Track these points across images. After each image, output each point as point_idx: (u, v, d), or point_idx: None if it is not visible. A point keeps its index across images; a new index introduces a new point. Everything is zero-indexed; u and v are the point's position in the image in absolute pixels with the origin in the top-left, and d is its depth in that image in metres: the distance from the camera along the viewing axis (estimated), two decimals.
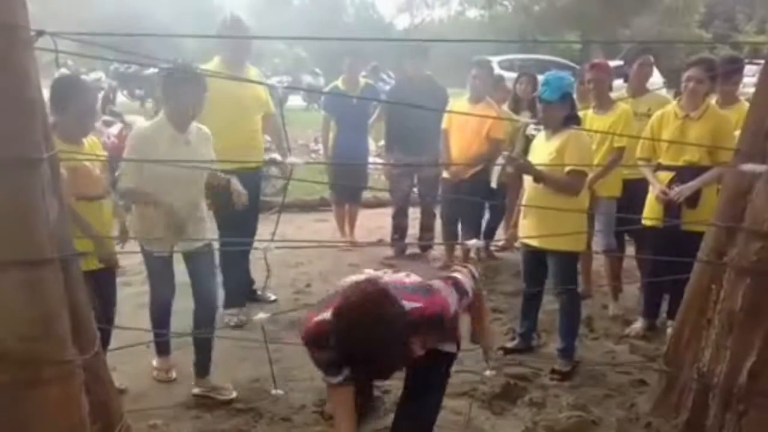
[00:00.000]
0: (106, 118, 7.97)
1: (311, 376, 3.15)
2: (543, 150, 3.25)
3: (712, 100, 3.71)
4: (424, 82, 5.10)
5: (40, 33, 1.79)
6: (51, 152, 1.85)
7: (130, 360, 3.07)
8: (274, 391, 2.59)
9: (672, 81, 4.97)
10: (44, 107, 1.91)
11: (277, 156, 2.62)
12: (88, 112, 2.90)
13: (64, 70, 13.76)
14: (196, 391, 3.02)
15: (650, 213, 3.58)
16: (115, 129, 7.15)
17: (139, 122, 7.54)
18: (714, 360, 2.49)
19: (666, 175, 3.51)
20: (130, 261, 4.99)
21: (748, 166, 2.38)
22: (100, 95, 13.85)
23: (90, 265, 2.80)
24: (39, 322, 1.78)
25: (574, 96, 3.39)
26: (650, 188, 3.62)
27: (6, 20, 1.67)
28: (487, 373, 2.86)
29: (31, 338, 1.76)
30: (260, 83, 3.87)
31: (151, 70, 12.36)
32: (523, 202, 3.38)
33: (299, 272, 4.87)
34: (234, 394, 3.00)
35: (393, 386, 3.12)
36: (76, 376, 1.89)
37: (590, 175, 3.48)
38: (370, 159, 7.50)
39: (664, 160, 3.55)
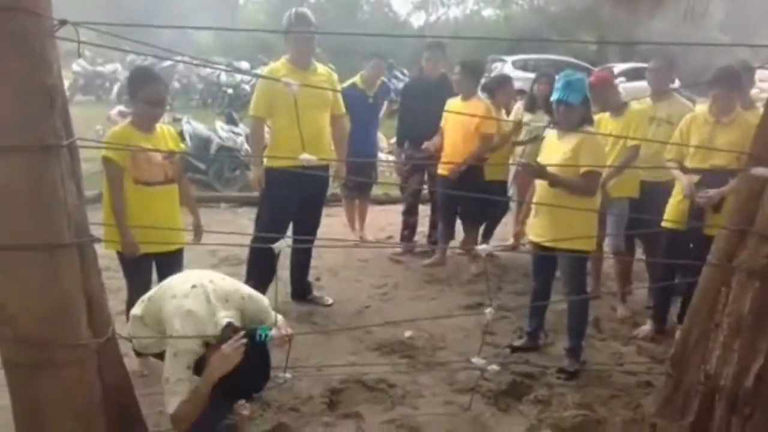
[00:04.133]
0: (122, 108, 8.09)
1: (319, 368, 3.19)
2: (556, 150, 3.24)
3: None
4: (438, 79, 5.11)
5: (63, 22, 1.83)
6: (71, 139, 1.89)
7: None
8: (281, 374, 2.62)
9: (688, 84, 4.91)
10: (65, 95, 1.94)
11: (306, 155, 2.59)
12: (157, 101, 3.01)
13: (81, 61, 14.00)
14: None
15: (673, 215, 3.55)
16: (129, 119, 7.21)
17: None
18: (721, 363, 2.48)
19: (693, 179, 3.47)
20: None
21: (760, 170, 2.38)
22: (116, 86, 14.11)
23: (160, 248, 3.02)
24: (55, 306, 1.82)
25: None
26: (674, 191, 3.60)
27: (28, 8, 1.71)
28: (491, 367, 2.88)
29: (47, 321, 1.81)
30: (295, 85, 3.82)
31: (168, 62, 12.47)
32: (534, 200, 3.38)
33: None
34: None
35: (398, 381, 3.15)
36: (90, 359, 1.93)
37: (604, 175, 3.47)
38: (382, 156, 7.54)
39: (691, 163, 3.52)
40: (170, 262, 3.10)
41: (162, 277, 3.03)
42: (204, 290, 2.32)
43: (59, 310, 1.83)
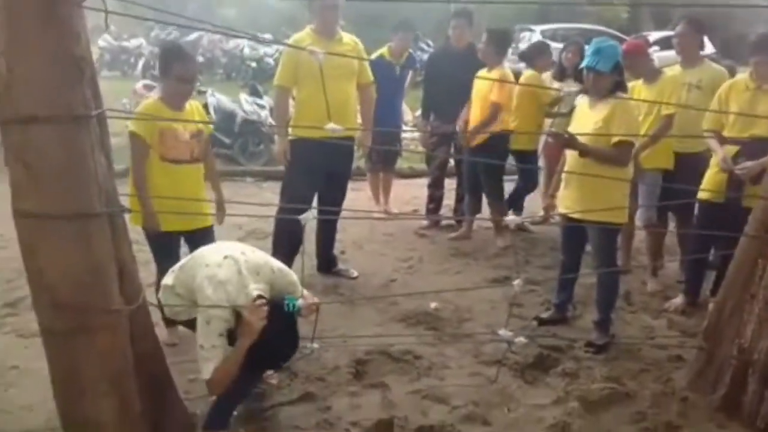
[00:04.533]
0: (147, 82, 8.16)
1: (344, 339, 3.21)
2: (588, 119, 3.16)
3: None
4: (465, 49, 5.01)
5: None
6: (100, 110, 1.90)
7: None
8: (309, 345, 2.65)
9: (726, 52, 4.73)
10: (93, 66, 1.95)
11: (333, 125, 2.57)
12: (188, 78, 3.01)
13: (106, 36, 14.10)
14: None
15: (710, 187, 3.44)
16: (155, 93, 7.27)
17: None
18: (756, 336, 2.43)
19: (731, 149, 3.36)
20: None
21: None
22: (141, 61, 14.20)
23: (188, 225, 3.06)
24: (89, 273, 1.85)
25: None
26: (711, 161, 3.49)
27: None
28: (518, 340, 2.86)
29: (81, 288, 1.84)
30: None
31: (194, 36, 12.50)
32: (564, 171, 3.31)
33: None
34: None
35: (424, 353, 3.16)
36: (122, 325, 1.97)
37: (636, 145, 3.38)
38: (407, 128, 7.48)
39: (730, 132, 3.39)
40: (199, 239, 3.08)
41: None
42: (236, 261, 2.34)
43: (92, 277, 1.86)
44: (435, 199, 5.40)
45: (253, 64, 13.88)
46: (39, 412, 2.54)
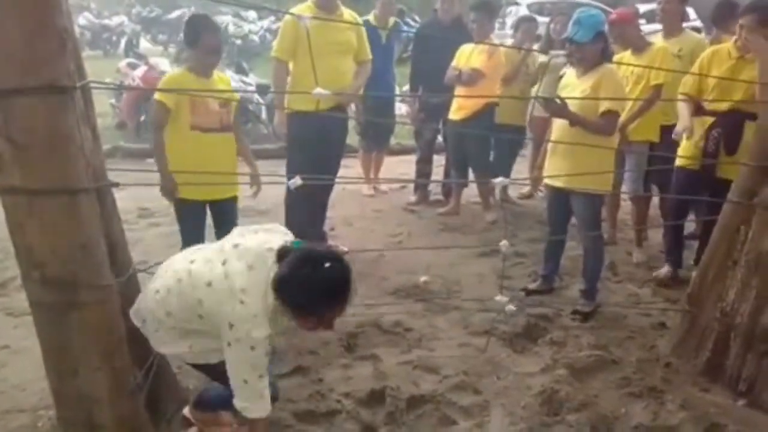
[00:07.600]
0: (131, 60, 8.01)
1: None
2: (575, 88, 3.17)
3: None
4: (453, 22, 4.98)
5: None
6: (83, 81, 1.87)
7: None
8: None
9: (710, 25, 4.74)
10: (75, 38, 1.91)
11: (320, 89, 2.58)
12: (215, 49, 3.05)
13: (87, 14, 13.80)
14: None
15: (686, 153, 3.46)
16: (139, 71, 7.20)
17: (163, 65, 7.60)
18: (738, 300, 2.49)
19: (707, 120, 3.38)
20: (157, 203, 5.11)
21: None
22: (123, 40, 13.93)
23: (213, 195, 3.09)
24: (78, 248, 1.84)
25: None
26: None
27: None
28: (509, 308, 2.90)
29: (71, 263, 1.83)
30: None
31: (175, 14, 12.27)
32: (550, 141, 3.33)
33: None
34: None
35: (414, 325, 3.20)
36: (113, 299, 1.97)
37: (623, 117, 3.38)
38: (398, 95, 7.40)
39: (708, 100, 3.38)
40: (224, 210, 3.16)
41: (216, 223, 3.14)
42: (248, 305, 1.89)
43: (82, 252, 1.85)
44: (423, 175, 5.40)
45: (238, 42, 13.69)
46: (31, 391, 2.54)
